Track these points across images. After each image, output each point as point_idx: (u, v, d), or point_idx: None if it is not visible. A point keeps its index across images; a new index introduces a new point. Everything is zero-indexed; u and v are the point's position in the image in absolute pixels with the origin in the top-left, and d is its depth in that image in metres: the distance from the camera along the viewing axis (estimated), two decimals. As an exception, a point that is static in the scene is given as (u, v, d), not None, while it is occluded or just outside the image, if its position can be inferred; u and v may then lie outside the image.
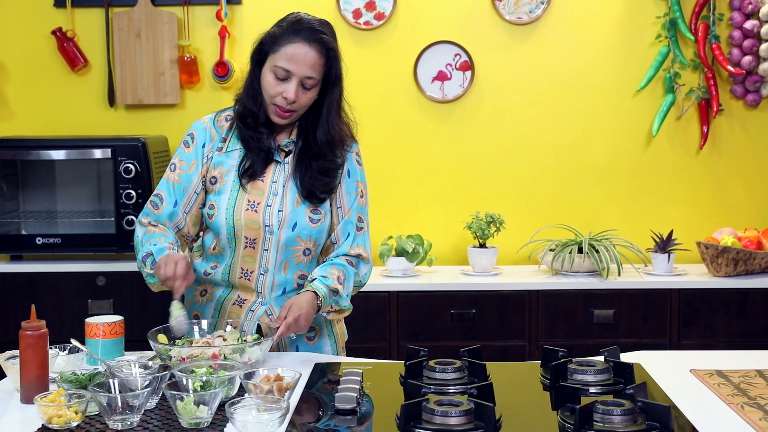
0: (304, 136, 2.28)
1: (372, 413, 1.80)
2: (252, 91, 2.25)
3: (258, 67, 2.24)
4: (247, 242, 2.25)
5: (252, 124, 2.26)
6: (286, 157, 2.29)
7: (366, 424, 1.74)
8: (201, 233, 2.38)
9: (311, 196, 2.26)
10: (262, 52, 2.22)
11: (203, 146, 2.29)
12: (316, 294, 2.18)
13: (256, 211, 2.24)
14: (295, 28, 2.18)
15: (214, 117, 2.34)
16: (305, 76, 2.17)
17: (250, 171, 2.25)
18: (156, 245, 2.19)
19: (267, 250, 2.26)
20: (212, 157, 2.28)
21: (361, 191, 2.35)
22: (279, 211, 2.24)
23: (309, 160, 2.26)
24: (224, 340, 2.11)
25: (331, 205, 2.31)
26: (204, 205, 2.30)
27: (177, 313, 2.12)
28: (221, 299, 2.31)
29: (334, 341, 2.40)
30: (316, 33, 2.18)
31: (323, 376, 2.07)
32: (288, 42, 2.17)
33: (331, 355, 2.37)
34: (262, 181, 2.26)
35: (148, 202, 2.31)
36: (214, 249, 2.30)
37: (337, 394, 1.78)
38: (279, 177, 2.27)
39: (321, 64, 2.19)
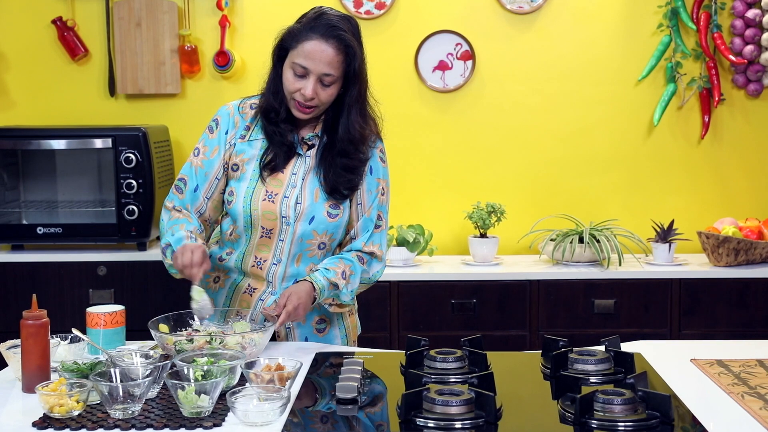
0: (329, 131, 2.27)
1: (373, 402, 1.81)
2: (273, 87, 2.24)
3: (279, 63, 2.23)
4: (263, 232, 2.25)
5: (274, 119, 2.25)
6: (308, 150, 2.28)
7: (367, 413, 1.75)
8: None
9: (334, 192, 2.25)
10: (282, 49, 2.21)
11: (226, 132, 2.29)
12: (314, 285, 2.18)
13: (273, 201, 2.23)
14: (313, 24, 2.16)
15: (239, 104, 2.33)
16: (322, 73, 2.15)
17: (272, 164, 2.24)
18: (174, 235, 2.19)
19: (282, 240, 2.26)
20: (235, 144, 2.28)
21: (383, 189, 2.33)
22: (297, 203, 2.23)
23: (333, 156, 2.24)
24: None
25: (350, 201, 2.30)
26: (224, 191, 2.30)
27: (198, 297, 2.14)
28: (233, 286, 2.32)
29: (344, 334, 2.40)
30: (334, 29, 2.15)
31: (324, 366, 2.07)
32: (306, 39, 2.15)
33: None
34: (282, 172, 2.25)
35: (173, 186, 2.31)
36: (230, 235, 2.31)
37: (338, 384, 1.79)
38: (299, 169, 2.26)
39: (339, 61, 2.16)
